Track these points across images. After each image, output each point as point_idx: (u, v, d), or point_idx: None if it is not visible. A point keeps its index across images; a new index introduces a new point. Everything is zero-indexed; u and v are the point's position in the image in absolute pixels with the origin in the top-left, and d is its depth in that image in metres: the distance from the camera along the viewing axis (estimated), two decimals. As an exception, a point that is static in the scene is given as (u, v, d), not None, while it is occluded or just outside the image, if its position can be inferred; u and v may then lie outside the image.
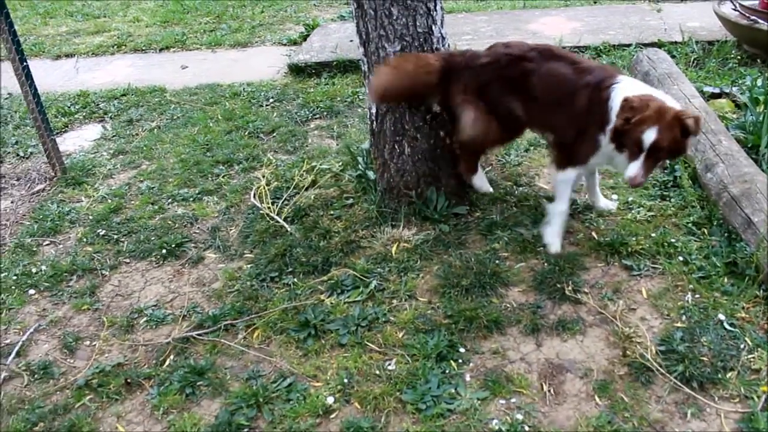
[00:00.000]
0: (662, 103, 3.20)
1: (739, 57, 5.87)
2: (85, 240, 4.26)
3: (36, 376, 3.24)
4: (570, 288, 3.40)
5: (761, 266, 3.25)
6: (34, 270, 4.00)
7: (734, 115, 4.81)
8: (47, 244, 4.29)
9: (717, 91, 5.21)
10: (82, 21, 9.51)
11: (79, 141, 5.75)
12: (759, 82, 4.95)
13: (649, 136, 3.10)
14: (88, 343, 3.44)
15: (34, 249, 4.23)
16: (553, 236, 3.69)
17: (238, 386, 3.05)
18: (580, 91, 3.44)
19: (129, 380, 3.13)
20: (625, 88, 3.32)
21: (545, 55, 3.61)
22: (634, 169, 3.19)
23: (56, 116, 6.17)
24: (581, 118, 3.45)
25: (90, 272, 3.95)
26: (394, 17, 3.56)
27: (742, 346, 2.99)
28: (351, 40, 6.84)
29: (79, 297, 3.75)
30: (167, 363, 3.24)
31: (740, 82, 5.31)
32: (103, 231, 4.33)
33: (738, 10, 5.83)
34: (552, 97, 3.54)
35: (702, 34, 6.40)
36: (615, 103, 3.28)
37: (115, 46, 8.22)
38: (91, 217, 4.50)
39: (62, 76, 7.39)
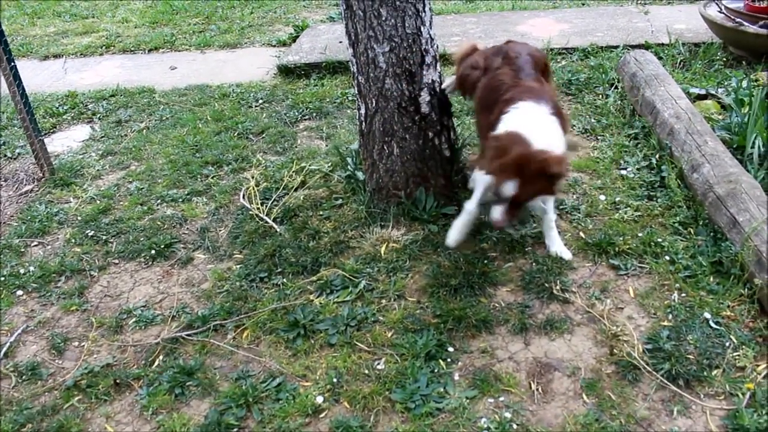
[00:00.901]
0: (526, 148, 3.11)
1: (724, 59, 5.93)
2: (73, 241, 4.24)
3: (24, 377, 3.23)
4: (558, 287, 3.43)
5: (746, 265, 3.28)
6: (22, 271, 3.98)
7: (720, 117, 4.86)
8: (35, 245, 4.27)
9: (703, 92, 5.26)
10: (70, 21, 9.47)
11: (67, 142, 5.73)
12: (744, 84, 5.00)
13: (508, 188, 3.11)
14: (76, 343, 3.43)
15: (22, 250, 4.21)
16: (453, 230, 3.72)
17: (228, 386, 3.06)
18: (497, 105, 3.50)
19: (118, 381, 3.13)
20: (510, 120, 3.32)
21: (502, 61, 3.73)
22: (497, 213, 3.22)
23: (44, 117, 6.14)
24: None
25: (78, 273, 3.94)
26: (383, 18, 3.57)
27: (727, 344, 3.02)
28: (340, 42, 6.85)
29: (68, 298, 3.74)
30: (156, 363, 3.24)
31: (726, 83, 5.37)
32: (92, 232, 4.32)
33: (723, 13, 5.89)
34: (482, 103, 3.72)
35: (688, 36, 6.46)
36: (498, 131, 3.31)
37: (104, 47, 8.18)
38: (79, 218, 4.49)
39: (50, 77, 7.36)
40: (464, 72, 3.99)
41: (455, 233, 3.71)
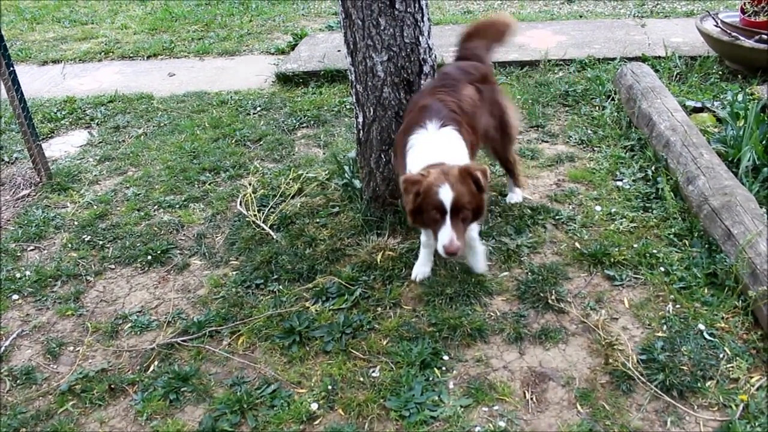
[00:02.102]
0: (444, 166, 3.09)
1: (720, 72, 5.97)
2: (70, 245, 4.24)
3: (18, 381, 3.22)
4: (553, 297, 3.44)
5: (740, 277, 3.30)
6: (18, 275, 3.98)
7: (715, 129, 4.89)
8: (32, 250, 4.27)
9: (699, 105, 5.30)
10: (70, 27, 9.49)
11: (65, 147, 5.74)
12: (739, 98, 5.03)
13: (446, 193, 2.97)
14: (71, 348, 3.42)
15: (19, 254, 4.21)
16: (419, 266, 3.64)
17: (222, 392, 3.05)
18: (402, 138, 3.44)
19: (113, 386, 3.13)
20: (410, 158, 3.27)
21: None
22: (446, 234, 2.99)
23: (42, 122, 6.16)
24: None
25: (75, 278, 3.94)
26: (382, 27, 3.59)
27: (721, 355, 3.03)
28: (339, 50, 6.89)
29: (64, 302, 3.74)
30: (151, 369, 3.23)
31: (721, 97, 5.40)
32: (89, 237, 4.32)
33: (720, 27, 5.93)
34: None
35: (685, 49, 6.51)
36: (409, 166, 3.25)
37: (103, 53, 8.21)
38: (76, 223, 4.49)
39: (49, 82, 7.37)
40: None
41: (424, 268, 3.62)
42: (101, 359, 3.33)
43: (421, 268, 3.63)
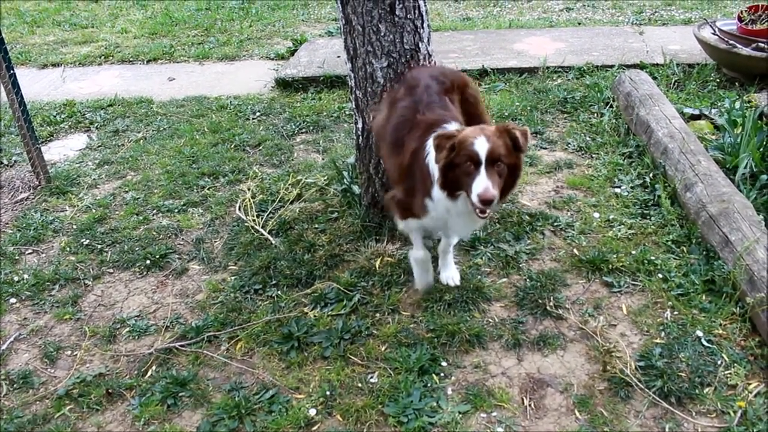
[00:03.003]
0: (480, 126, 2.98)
1: (718, 80, 6.00)
2: (68, 249, 4.24)
3: (15, 385, 3.22)
4: (551, 304, 3.44)
5: (738, 284, 3.31)
6: (15, 278, 3.98)
7: (713, 137, 4.91)
8: (30, 253, 4.26)
9: (697, 112, 5.31)
10: (70, 31, 9.50)
11: (64, 150, 5.74)
12: (737, 105, 5.05)
13: (481, 143, 2.78)
14: (69, 352, 3.42)
15: (17, 257, 4.21)
16: (420, 278, 3.56)
17: (220, 397, 3.05)
18: (406, 143, 3.28)
19: (110, 390, 3.12)
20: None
21: (404, 92, 3.48)
22: (482, 181, 2.76)
23: (42, 125, 6.15)
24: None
25: (73, 282, 3.94)
26: (382, 34, 3.60)
27: (719, 362, 3.04)
28: (338, 56, 6.90)
29: (61, 306, 3.74)
30: (149, 374, 3.23)
31: (719, 104, 5.43)
32: (87, 241, 4.32)
33: (717, 35, 5.96)
34: (391, 146, 3.44)
35: (683, 56, 6.53)
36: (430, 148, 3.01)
37: (103, 57, 8.21)
38: (74, 227, 4.49)
39: (48, 85, 7.37)
40: (372, 122, 3.71)
41: (426, 277, 3.55)
42: (99, 363, 3.33)
43: (424, 280, 3.56)
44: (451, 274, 3.62)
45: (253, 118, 6.10)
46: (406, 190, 3.27)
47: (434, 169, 2.97)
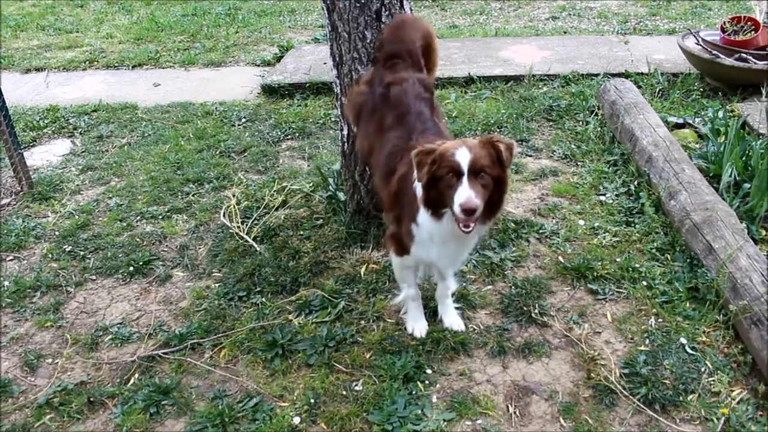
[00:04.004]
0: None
1: (701, 89, 6.05)
2: (50, 256, 4.19)
3: (-5, 394, 3.17)
4: (536, 311, 3.45)
5: (721, 292, 3.33)
6: (-4, 286, 3.93)
7: (697, 145, 4.95)
8: (11, 260, 4.21)
9: (681, 121, 5.36)
10: (54, 35, 9.43)
11: (47, 156, 5.68)
12: (720, 114, 5.10)
13: (463, 153, 2.68)
14: (50, 360, 3.37)
15: (-3, 264, 4.16)
16: (414, 322, 3.41)
17: (204, 405, 3.02)
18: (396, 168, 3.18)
19: (92, 399, 3.08)
20: None
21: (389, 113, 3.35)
22: (464, 191, 2.65)
23: (24, 130, 6.09)
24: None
25: (54, 289, 3.89)
26: (368, 40, 3.61)
27: (702, 369, 3.05)
28: (324, 63, 6.90)
29: (43, 314, 3.69)
30: (132, 382, 3.19)
31: (703, 113, 5.48)
32: (70, 247, 4.27)
33: (701, 45, 6.02)
34: (382, 174, 3.34)
35: (667, 66, 6.59)
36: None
37: (87, 62, 8.16)
38: (57, 233, 4.44)
39: (32, 90, 7.31)
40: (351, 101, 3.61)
41: (420, 322, 3.39)
42: (80, 372, 3.28)
43: (418, 323, 3.39)
44: (453, 320, 3.42)
45: (238, 125, 6.08)
46: (395, 218, 3.19)
47: (418, 189, 2.88)
